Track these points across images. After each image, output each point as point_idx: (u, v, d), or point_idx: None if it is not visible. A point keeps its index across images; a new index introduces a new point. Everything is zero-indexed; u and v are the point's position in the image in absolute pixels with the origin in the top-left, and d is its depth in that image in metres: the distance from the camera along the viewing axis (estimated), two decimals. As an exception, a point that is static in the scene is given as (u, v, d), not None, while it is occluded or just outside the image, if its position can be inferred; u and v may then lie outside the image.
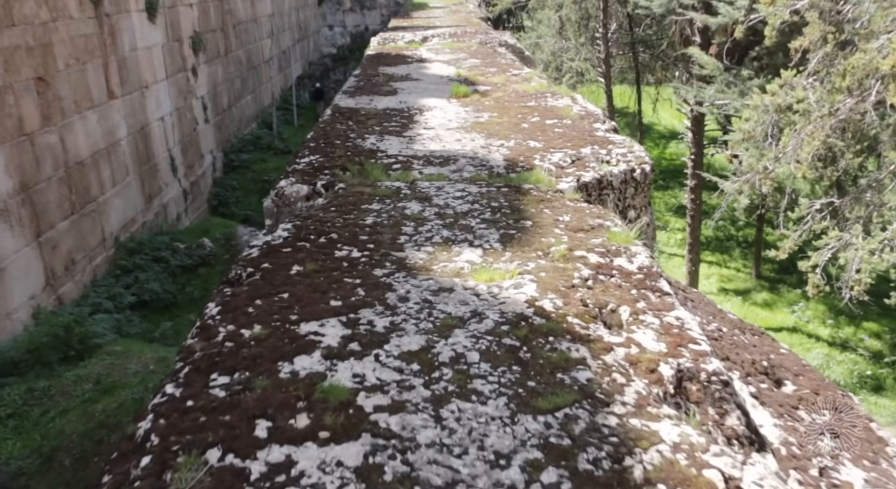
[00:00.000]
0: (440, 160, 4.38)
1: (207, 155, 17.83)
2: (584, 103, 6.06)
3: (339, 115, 5.57)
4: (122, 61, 14.01)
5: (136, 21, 14.63)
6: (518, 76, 7.29)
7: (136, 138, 14.45)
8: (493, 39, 10.27)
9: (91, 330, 9.29)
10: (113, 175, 13.48)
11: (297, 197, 3.87)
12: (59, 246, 11.56)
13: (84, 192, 12.43)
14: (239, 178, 18.33)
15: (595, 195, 4.13)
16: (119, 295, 12.18)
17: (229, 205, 17.47)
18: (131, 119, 14.30)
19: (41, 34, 11.49)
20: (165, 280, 13.08)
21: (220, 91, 18.95)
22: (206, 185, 17.55)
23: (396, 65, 8.08)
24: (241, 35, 20.69)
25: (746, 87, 10.87)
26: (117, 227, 13.46)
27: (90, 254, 12.49)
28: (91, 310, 11.37)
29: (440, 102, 6.11)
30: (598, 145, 4.70)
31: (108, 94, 13.55)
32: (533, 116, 5.55)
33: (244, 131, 20.50)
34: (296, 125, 22.59)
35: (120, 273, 12.84)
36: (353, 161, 4.30)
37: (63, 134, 11.89)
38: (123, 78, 14.06)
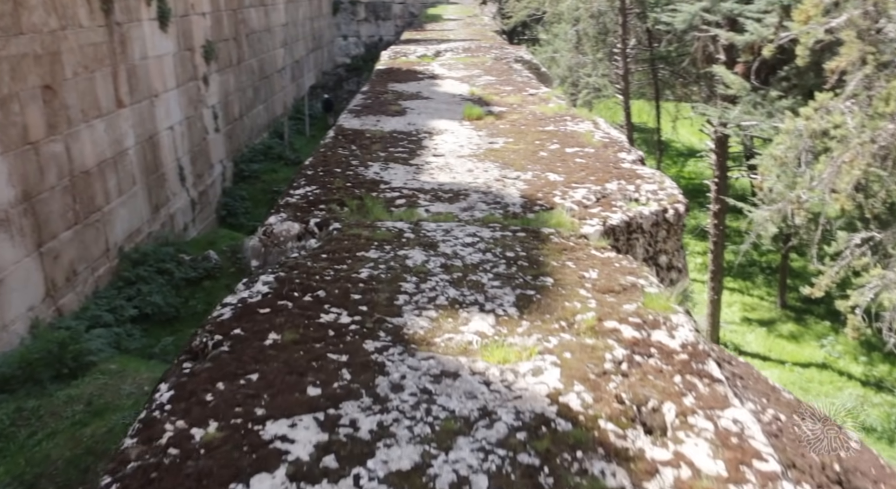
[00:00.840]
0: (449, 195, 3.89)
1: (217, 164, 17.44)
2: (606, 128, 5.56)
3: (343, 138, 5.09)
4: (131, 70, 13.65)
5: (148, 30, 14.28)
6: (535, 96, 6.79)
7: (144, 147, 14.06)
8: (508, 55, 9.78)
9: (86, 347, 8.85)
10: (119, 184, 13.09)
11: (287, 236, 3.38)
12: (61, 256, 11.16)
13: (89, 202, 12.04)
14: (248, 189, 17.92)
15: (623, 240, 3.62)
16: (120, 307, 11.76)
17: (238, 215, 17.06)
18: (140, 128, 13.92)
19: (50, 42, 11.12)
20: (168, 293, 12.65)
21: (232, 100, 18.57)
22: (214, 194, 17.16)
23: (407, 81, 7.61)
24: (254, 44, 20.33)
25: (775, 108, 10.28)
26: (122, 238, 13.06)
27: (93, 265, 12.08)
28: (90, 323, 10.95)
29: (452, 125, 5.62)
30: (624, 179, 4.20)
31: (117, 103, 13.17)
32: (552, 143, 5.05)
33: (255, 141, 20.11)
34: (307, 135, 22.19)
35: (122, 284, 12.42)
36: (352, 194, 3.81)
37: (69, 143, 11.51)
38: (133, 86, 13.69)
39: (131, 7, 13.71)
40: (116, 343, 10.87)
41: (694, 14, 12.05)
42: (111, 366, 8.81)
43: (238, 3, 19.17)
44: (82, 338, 9.12)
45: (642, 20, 17.44)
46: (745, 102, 10.61)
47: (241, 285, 2.81)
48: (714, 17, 11.76)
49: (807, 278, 18.42)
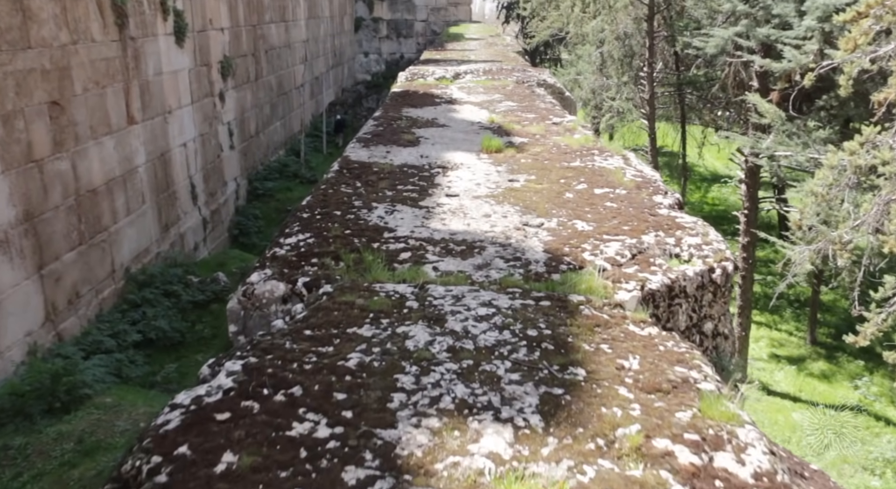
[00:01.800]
0: (462, 248, 3.37)
1: (231, 182, 17.11)
2: (638, 165, 5.02)
3: (347, 172, 4.60)
4: (144, 85, 13.35)
5: (163, 45, 14.00)
6: (559, 125, 6.28)
7: (155, 165, 13.73)
8: (530, 78, 9.30)
9: (81, 379, 8.41)
10: (127, 203, 12.74)
11: (270, 298, 2.88)
12: (64, 278, 10.78)
13: (95, 222, 11.68)
14: (262, 207, 17.56)
15: (664, 307, 3.08)
16: (123, 332, 11.35)
17: (250, 234, 16.68)
18: (151, 145, 13.60)
19: (59, 57, 10.82)
20: (174, 316, 12.23)
21: (248, 117, 18.27)
22: (227, 213, 16.80)
23: (423, 106, 7.13)
24: (273, 60, 20.07)
25: (811, 139, 9.66)
26: (129, 258, 12.68)
27: (97, 287, 11.70)
28: (91, 349, 10.55)
29: (468, 158, 5.12)
30: (663, 230, 3.66)
31: (128, 119, 12.86)
32: (578, 182, 4.52)
33: (271, 158, 19.78)
34: (325, 153, 21.83)
35: (127, 307, 12.02)
36: (350, 245, 3.31)
37: (76, 160, 11.18)
38: (145, 102, 13.38)
39: (147, 22, 13.45)
40: (117, 370, 10.45)
41: (727, 39, 11.48)
42: (106, 399, 8.36)
43: (258, 19, 18.94)
44: (77, 368, 8.68)
45: (670, 44, 16.85)
46: (780, 132, 9.99)
47: (205, 369, 2.31)
48: (748, 42, 11.18)
49: (838, 313, 17.49)
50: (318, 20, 25.22)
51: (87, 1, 11.53)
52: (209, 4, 15.85)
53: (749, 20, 11.13)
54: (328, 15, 26.89)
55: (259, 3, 18.87)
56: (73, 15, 11.08)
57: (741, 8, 11.12)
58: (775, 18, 10.62)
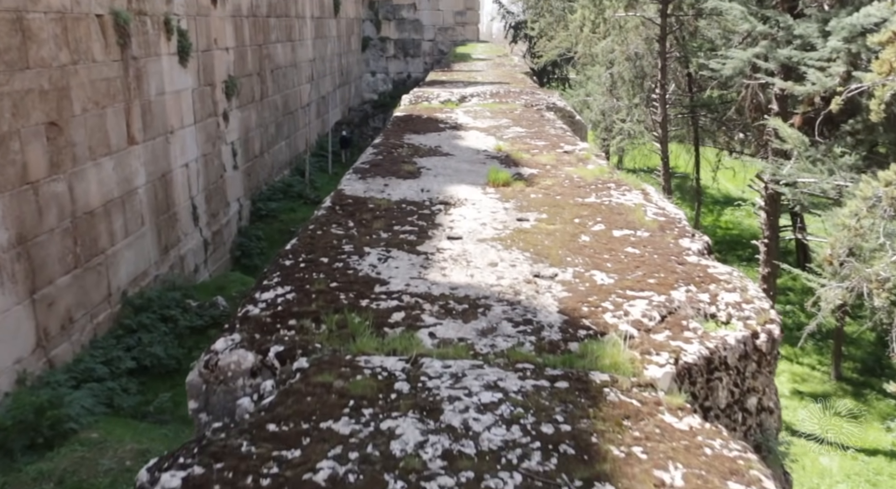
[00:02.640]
0: (464, 306, 2.89)
1: (234, 203, 16.71)
2: (659, 201, 4.54)
3: (340, 210, 4.14)
4: (146, 105, 13.01)
5: (166, 64, 13.67)
6: (571, 155, 5.82)
7: (155, 186, 13.35)
8: (539, 101, 8.86)
9: (66, 412, 7.94)
10: (126, 225, 12.33)
11: (237, 370, 2.41)
12: (57, 303, 10.35)
13: (91, 244, 11.27)
14: (265, 228, 17.15)
15: (702, 383, 2.59)
16: (117, 359, 10.89)
17: (252, 256, 16.25)
18: (152, 166, 13.22)
19: (58, 77, 10.47)
20: (170, 343, 11.77)
21: (253, 136, 17.92)
22: (229, 234, 16.39)
23: (426, 132, 6.68)
24: (278, 80, 19.76)
25: (836, 166, 9.11)
26: (126, 282, 12.26)
27: (92, 312, 11.26)
28: (82, 377, 10.09)
29: (473, 193, 4.65)
30: (694, 284, 3.17)
31: (129, 140, 12.49)
32: (595, 222, 4.05)
33: (275, 178, 19.40)
34: (330, 172, 21.45)
35: (122, 333, 11.57)
36: (335, 303, 2.83)
37: (72, 182, 10.79)
38: (147, 123, 13.03)
39: (150, 41, 13.13)
40: (108, 399, 9.99)
41: (746, 61, 10.99)
42: (93, 434, 7.89)
43: (264, 38, 18.66)
44: (64, 401, 8.21)
45: (683, 65, 16.37)
46: (803, 158, 9.45)
47: (143, 474, 1.83)
48: (768, 64, 10.67)
49: (864, 346, 16.52)
50: (325, 39, 24.97)
51: (89, 21, 11.22)
52: (214, 24, 15.56)
53: (769, 41, 10.64)
54: (335, 34, 26.67)
55: (265, 22, 18.60)
56: (73, 35, 10.76)
57: (761, 28, 10.63)
58: (797, 39, 10.14)
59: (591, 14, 15.87)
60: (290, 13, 20.92)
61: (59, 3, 10.30)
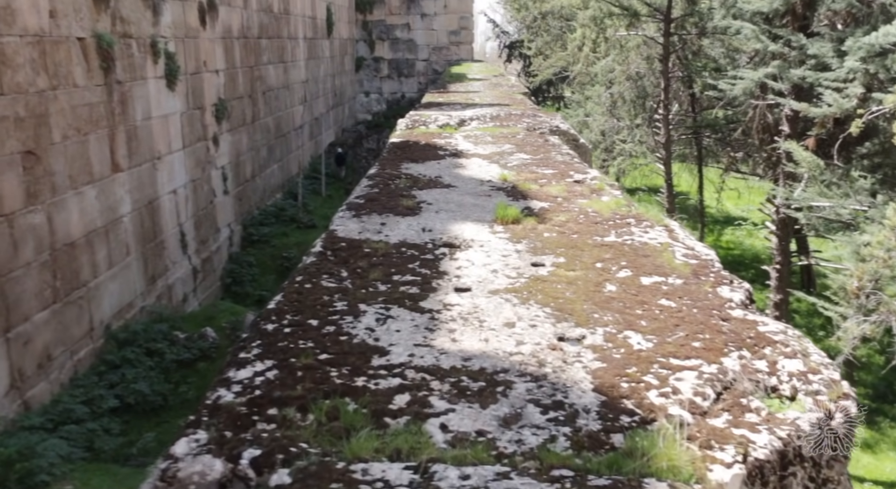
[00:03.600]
0: (480, 384, 2.41)
1: (224, 228, 16.23)
2: (686, 240, 4.09)
3: (332, 255, 3.67)
4: (131, 131, 12.56)
5: (153, 88, 13.25)
6: (583, 184, 5.37)
7: (141, 214, 12.87)
8: (542, 124, 8.44)
9: (38, 464, 7.38)
10: (110, 256, 11.82)
11: (201, 484, 1.92)
12: (34, 341, 9.81)
13: (72, 277, 10.75)
14: (257, 254, 16.65)
15: (774, 482, 2.11)
16: (99, 398, 10.33)
17: (244, 283, 15.75)
18: (138, 193, 12.75)
19: (36, 104, 10.02)
20: (156, 378, 11.23)
21: (244, 160, 17.48)
22: (220, 261, 15.88)
23: (425, 160, 6.24)
24: (270, 102, 19.37)
25: (853, 189, 8.69)
26: (109, 315, 11.72)
27: (72, 348, 10.71)
28: (59, 419, 9.53)
29: (480, 232, 4.19)
30: (747, 348, 2.70)
31: (113, 167, 12.02)
32: (619, 267, 3.58)
33: (268, 202, 18.94)
34: (324, 195, 21.01)
35: (105, 369, 11.02)
36: (326, 384, 2.35)
37: (52, 213, 10.30)
38: (132, 149, 12.57)
39: (136, 65, 12.71)
40: (89, 442, 9.42)
41: (756, 82, 10.61)
42: (67, 486, 7.33)
43: (255, 60, 18.30)
44: (36, 450, 7.65)
45: (686, 85, 15.99)
46: (818, 182, 9.03)
47: None
48: (780, 85, 10.28)
49: (874, 370, 16.07)
50: (318, 60, 24.66)
51: (70, 44, 10.79)
52: (203, 46, 15.18)
53: (781, 61, 10.27)
54: (328, 55, 26.37)
55: (256, 44, 18.25)
56: (52, 59, 10.32)
57: (773, 48, 10.26)
58: (811, 59, 9.77)
59: (591, 33, 15.53)
60: (282, 34, 20.60)
61: (37, 26, 9.87)
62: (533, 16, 24.72)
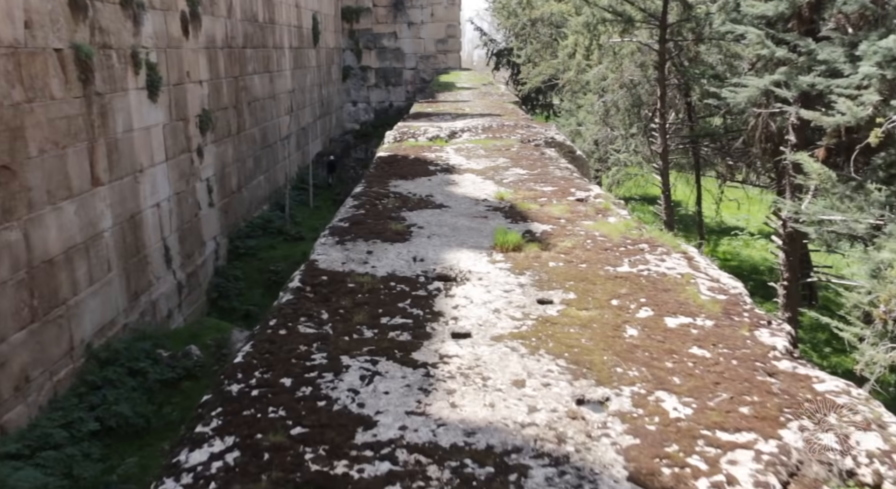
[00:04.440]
0: (488, 471, 1.94)
1: (210, 242, 15.64)
2: (709, 269, 3.62)
3: (311, 292, 3.17)
4: (112, 144, 11.97)
5: (134, 100, 12.66)
6: (586, 203, 4.90)
7: (123, 228, 12.27)
8: (536, 135, 7.98)
9: (9, 498, 6.80)
10: (90, 272, 11.22)
11: None
12: (10, 363, 9.20)
13: (51, 296, 10.15)
14: (244, 267, 16.07)
15: None
16: (78, 421, 9.73)
17: (230, 298, 15.16)
18: (119, 207, 12.15)
19: (10, 117, 9.43)
20: (139, 399, 10.63)
21: (230, 172, 16.91)
22: (205, 275, 15.29)
23: (414, 177, 5.75)
24: (256, 112, 18.81)
25: (868, 202, 8.19)
26: (91, 333, 11.11)
27: (52, 369, 10.11)
28: (37, 445, 8.94)
29: (477, 262, 3.70)
30: (807, 415, 2.24)
31: (93, 181, 11.43)
32: (638, 305, 3.11)
33: (254, 214, 18.36)
34: (311, 206, 20.45)
35: (85, 390, 10.41)
36: (298, 472, 1.85)
37: (28, 229, 9.71)
38: (113, 162, 11.98)
39: (116, 76, 12.13)
40: (67, 469, 8.84)
41: (762, 89, 10.11)
42: (39, 523, 6.75)
43: (240, 70, 17.74)
44: (7, 483, 7.08)
45: (682, 93, 15.48)
46: (831, 195, 8.54)
47: None
48: (787, 92, 9.78)
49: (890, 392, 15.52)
50: (304, 70, 24.12)
51: (46, 56, 10.22)
52: (187, 57, 14.62)
53: (788, 67, 9.77)
54: (315, 64, 25.84)
55: (241, 53, 17.70)
56: (28, 71, 9.75)
57: (780, 53, 9.77)
58: (820, 65, 9.28)
59: (584, 40, 15.05)
60: (267, 44, 20.06)
61: (11, 37, 9.30)
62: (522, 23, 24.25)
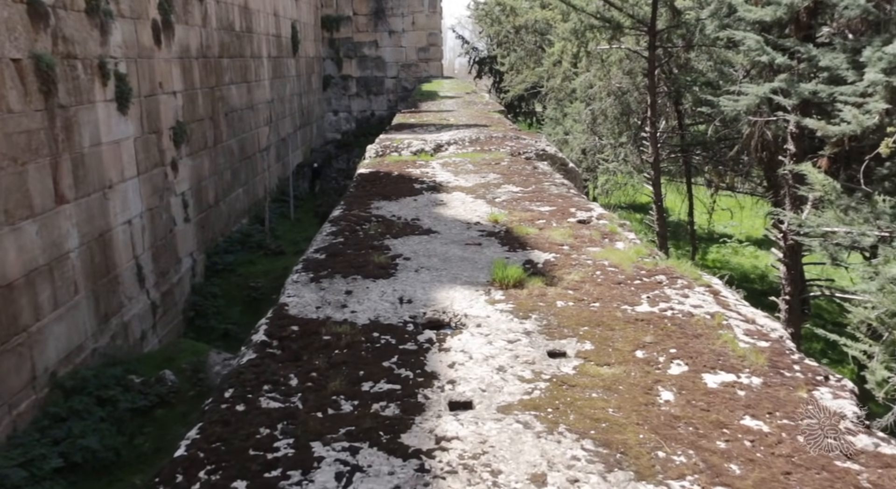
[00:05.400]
0: None
1: (186, 258, 14.98)
2: (739, 305, 3.12)
3: (279, 349, 2.62)
4: (78, 159, 11.31)
5: (102, 113, 12.01)
6: (589, 226, 4.39)
7: (91, 248, 11.60)
8: (527, 147, 7.48)
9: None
10: (55, 296, 10.54)
11: None
12: (-36, 398, 8.52)
13: (10, 323, 9.47)
14: (222, 284, 15.42)
15: None
16: (40, 458, 9.03)
17: (208, 316, 14.51)
18: (87, 226, 11.48)
19: (-37, 132, 8.78)
20: (108, 430, 9.95)
21: (206, 186, 16.27)
22: (182, 293, 14.63)
23: (399, 197, 5.21)
24: (234, 123, 18.19)
25: (874, 213, 7.80)
26: (55, 361, 10.42)
27: (11, 402, 9.41)
28: (-7, 487, 8.25)
29: (474, 301, 3.17)
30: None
31: (57, 199, 10.76)
32: (668, 357, 2.59)
33: (233, 228, 17.70)
34: (292, 219, 19.82)
35: (48, 423, 9.72)
36: None
37: (-16, 252, 9.04)
38: (79, 178, 11.32)
39: (81, 87, 11.48)
40: (27, 512, 8.18)
41: (761, 97, 9.70)
42: None
43: (216, 81, 17.13)
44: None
45: (672, 100, 15.05)
46: (834, 206, 8.15)
47: None
48: (787, 100, 9.37)
49: None
50: (283, 79, 23.53)
51: (3, 66, 9.57)
52: (159, 67, 14.00)
53: (788, 75, 9.38)
54: (295, 74, 25.25)
55: (217, 63, 17.09)
56: (-18, 83, 9.12)
57: (781, 60, 9.37)
58: (822, 72, 8.91)
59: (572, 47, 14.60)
60: (244, 53, 19.47)
61: (-39, 48, 8.67)
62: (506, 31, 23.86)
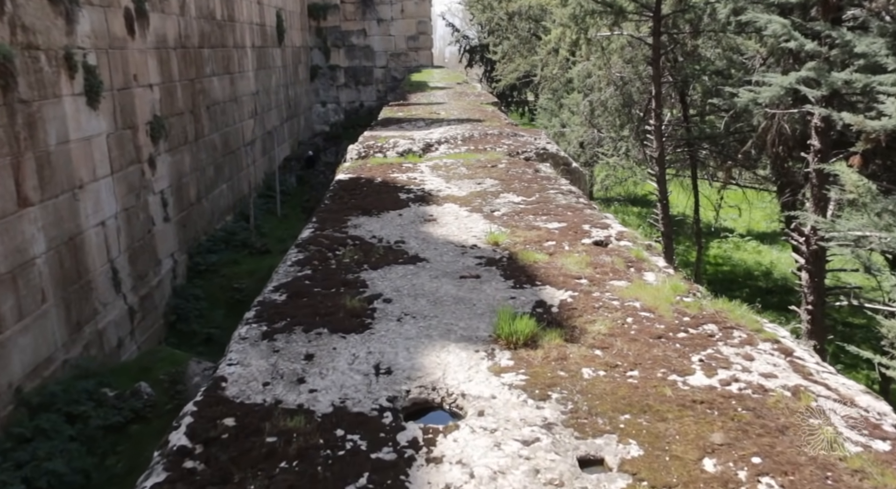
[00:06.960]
0: None
1: (166, 260, 14.11)
2: (821, 371, 2.36)
3: (202, 460, 1.82)
4: (44, 158, 10.39)
5: (70, 108, 11.07)
6: (608, 249, 3.59)
7: (60, 253, 10.71)
8: (526, 146, 6.67)
9: None
10: (19, 305, 9.67)
11: None
12: (-86, 423, 7.69)
13: (-33, 338, 8.61)
14: (205, 285, 14.57)
15: None
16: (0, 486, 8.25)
17: (190, 320, 13.68)
18: (55, 229, 10.58)
19: None
20: (77, 451, 9.12)
21: (187, 182, 15.37)
22: (162, 297, 13.77)
23: (381, 211, 4.40)
24: (216, 117, 17.24)
25: None
26: (21, 376, 9.58)
27: (-30, 423, 8.59)
28: (-54, 521, 7.47)
29: (473, 370, 2.38)
30: None
31: (19, 202, 9.86)
32: (752, 470, 1.81)
33: (216, 226, 16.82)
34: (279, 215, 18.93)
35: (11, 445, 8.89)
36: None
37: (-64, 263, 8.17)
38: (45, 178, 10.41)
39: (46, 81, 10.53)
40: (-15, 546, 7.40)
41: (787, 88, 8.84)
42: None
43: (197, 72, 16.17)
44: None
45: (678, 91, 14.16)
46: (868, 211, 7.35)
47: None
48: (816, 91, 8.51)
49: None
50: (268, 70, 22.53)
51: (-47, 58, 8.68)
52: (133, 58, 13.04)
53: (818, 63, 8.47)
54: (280, 64, 24.24)
55: (198, 54, 16.13)
56: (-71, 77, 8.22)
57: (810, 47, 8.48)
58: (858, 59, 8.03)
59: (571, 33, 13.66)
60: (227, 43, 18.48)
61: None
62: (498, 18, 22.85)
